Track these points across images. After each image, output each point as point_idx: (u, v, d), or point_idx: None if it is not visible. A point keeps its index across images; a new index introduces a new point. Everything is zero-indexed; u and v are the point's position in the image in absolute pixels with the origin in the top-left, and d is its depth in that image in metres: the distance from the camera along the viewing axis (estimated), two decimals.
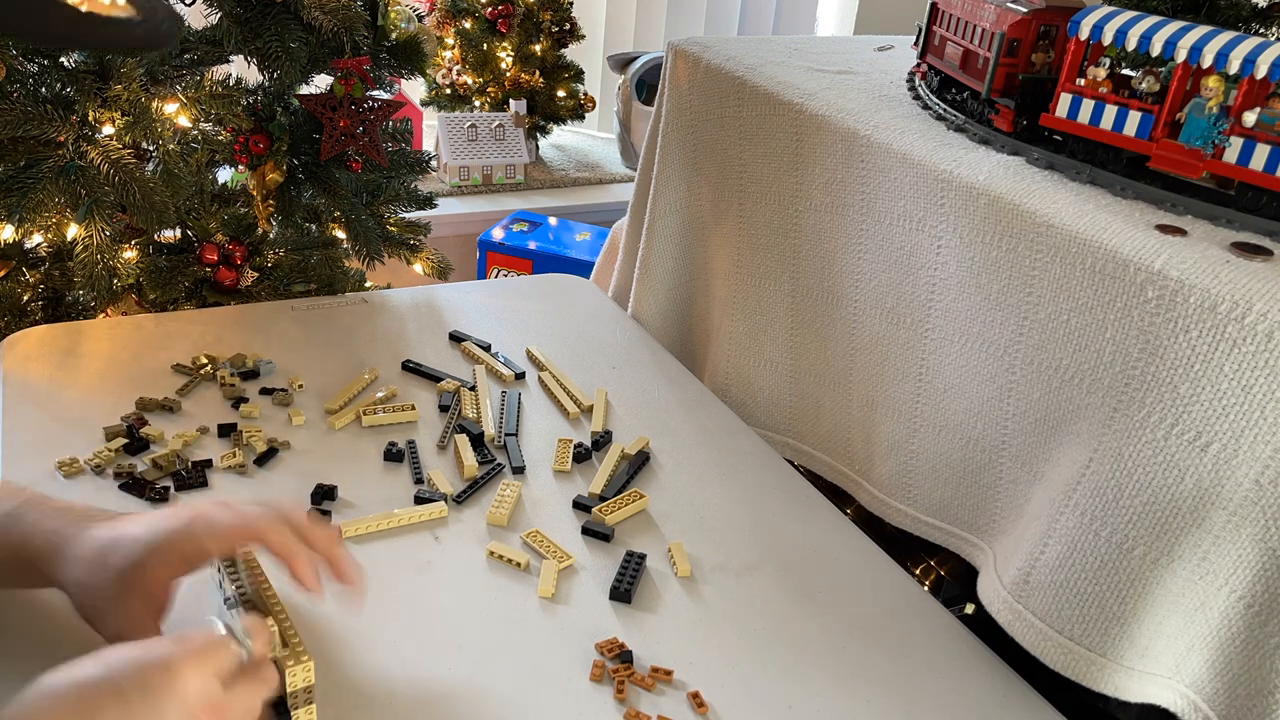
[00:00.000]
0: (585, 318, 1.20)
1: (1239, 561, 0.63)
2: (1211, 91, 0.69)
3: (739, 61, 1.06)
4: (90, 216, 1.09)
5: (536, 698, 0.67)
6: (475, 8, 2.17)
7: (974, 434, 0.82)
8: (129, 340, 1.03)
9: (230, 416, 0.92)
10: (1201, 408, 0.63)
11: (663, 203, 1.17)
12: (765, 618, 0.76)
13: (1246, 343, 0.60)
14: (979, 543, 0.84)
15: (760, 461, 0.96)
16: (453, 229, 2.06)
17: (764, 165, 1.02)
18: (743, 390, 1.08)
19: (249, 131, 1.19)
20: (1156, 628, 0.66)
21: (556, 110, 2.29)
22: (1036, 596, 0.72)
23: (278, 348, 1.04)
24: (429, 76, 2.23)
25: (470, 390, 1.00)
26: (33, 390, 0.93)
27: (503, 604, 0.75)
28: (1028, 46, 0.83)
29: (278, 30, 1.13)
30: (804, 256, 1.00)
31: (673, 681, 0.69)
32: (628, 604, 0.76)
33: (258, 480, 0.85)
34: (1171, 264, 0.64)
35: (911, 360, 0.87)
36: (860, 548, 0.86)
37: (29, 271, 1.20)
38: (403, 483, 0.87)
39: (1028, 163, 0.81)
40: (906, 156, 0.85)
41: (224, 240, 1.24)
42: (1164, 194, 0.73)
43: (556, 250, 1.92)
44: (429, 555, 0.79)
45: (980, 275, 0.78)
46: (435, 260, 1.44)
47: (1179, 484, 0.64)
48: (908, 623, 0.78)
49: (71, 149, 1.07)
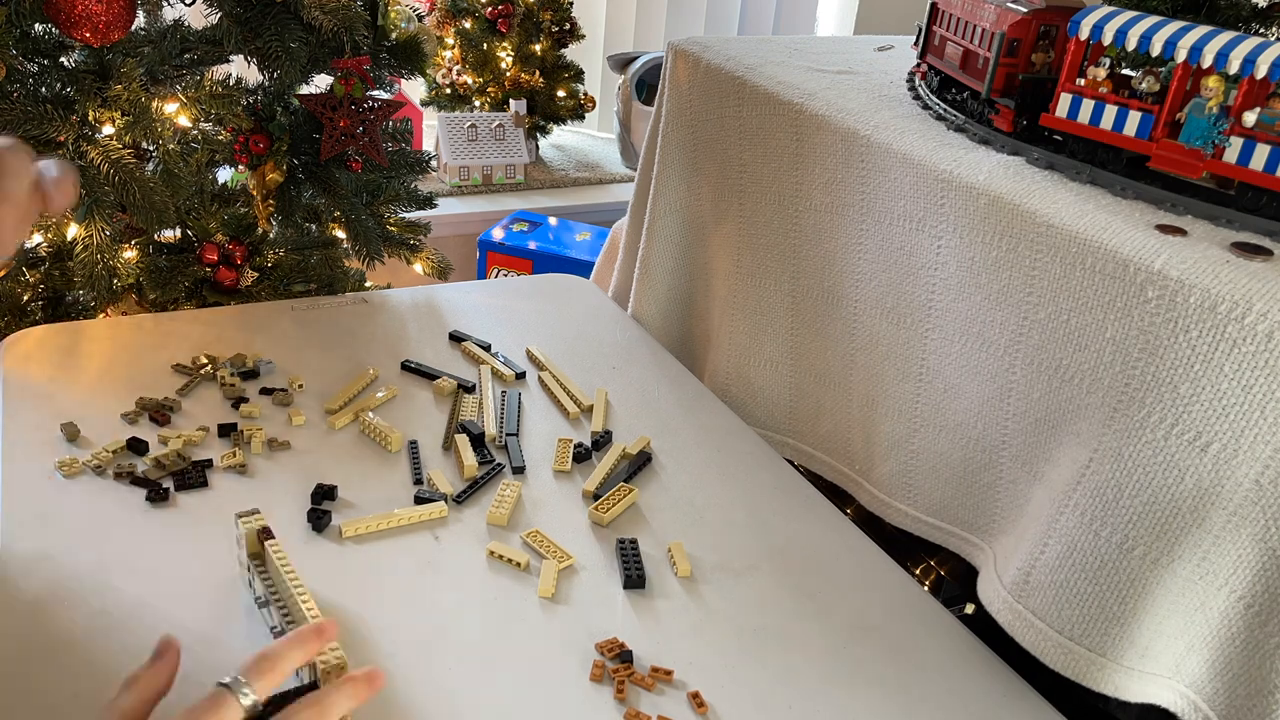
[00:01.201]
0: (585, 318, 1.20)
1: (1239, 561, 0.63)
2: (1211, 91, 0.69)
3: (739, 61, 1.06)
4: (90, 216, 1.09)
5: (536, 698, 0.67)
6: (475, 8, 2.17)
7: (974, 434, 0.82)
8: (129, 340, 1.03)
9: (230, 416, 0.92)
10: (1201, 408, 0.63)
11: (663, 203, 1.17)
12: (765, 618, 0.76)
13: (1246, 343, 0.60)
14: (979, 543, 0.84)
15: (760, 461, 0.96)
16: (453, 229, 2.06)
17: (764, 165, 1.02)
18: (743, 390, 1.08)
19: (249, 131, 1.19)
20: (1156, 628, 0.66)
21: (556, 110, 2.29)
22: (1036, 596, 0.72)
23: (278, 348, 1.04)
24: (429, 76, 2.23)
25: (470, 390, 1.00)
26: (33, 390, 0.93)
27: (503, 604, 0.75)
28: (1028, 46, 0.83)
29: (278, 30, 1.13)
30: (804, 256, 1.00)
31: (673, 681, 0.69)
32: (642, 589, 0.77)
33: (258, 480, 0.85)
34: (1171, 264, 0.64)
35: (911, 360, 0.87)
36: (860, 548, 0.86)
37: (29, 271, 1.20)
38: (403, 483, 0.87)
39: (1028, 163, 0.81)
40: (906, 156, 0.85)
41: (224, 240, 1.24)
42: (1164, 194, 0.73)
43: (556, 250, 1.92)
44: (429, 555, 0.79)
45: (980, 275, 0.78)
46: (435, 260, 1.44)
47: (1179, 484, 0.64)
48: (908, 623, 0.78)
49: (71, 149, 1.07)
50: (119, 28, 1.04)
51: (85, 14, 1.01)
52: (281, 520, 0.80)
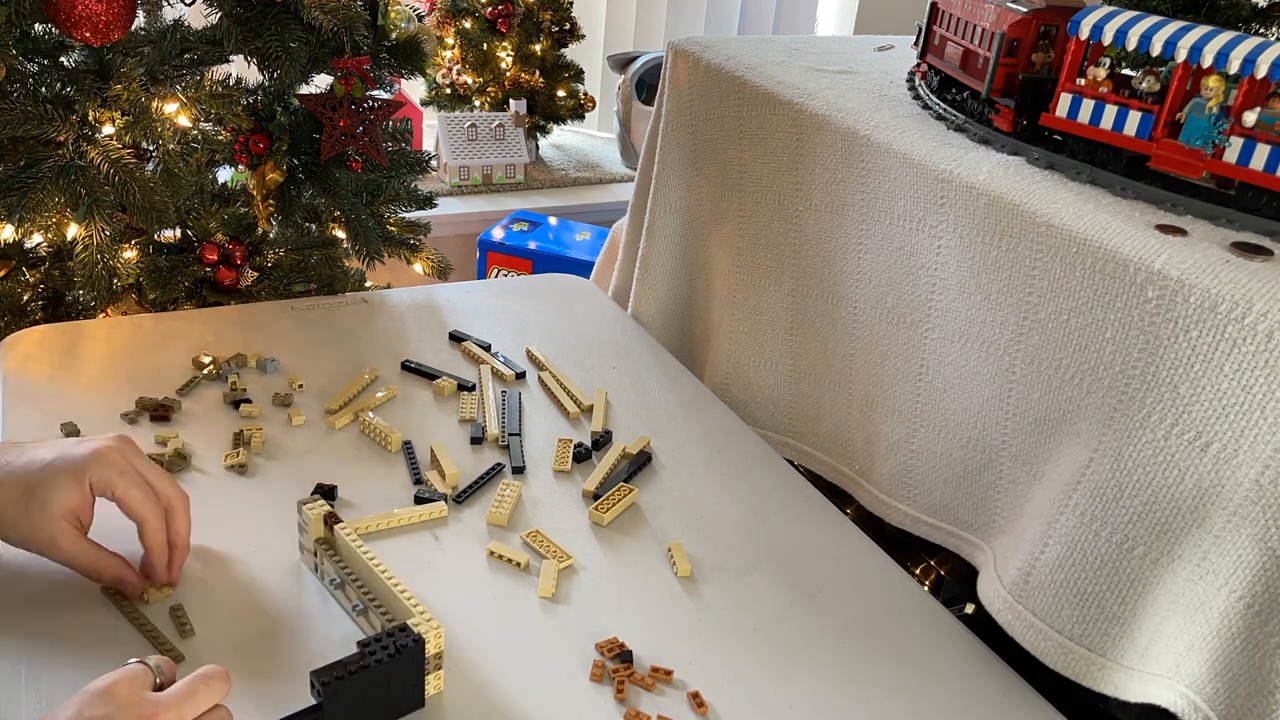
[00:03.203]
0: (585, 318, 1.20)
1: (1239, 561, 0.63)
2: (1211, 91, 0.69)
3: (739, 61, 1.06)
4: (90, 216, 1.08)
5: (536, 698, 0.67)
6: (475, 8, 2.17)
7: (974, 434, 0.82)
8: (129, 340, 1.03)
9: (230, 416, 0.92)
10: (1201, 408, 0.63)
11: (663, 203, 1.17)
12: (765, 618, 0.76)
13: (1246, 343, 0.60)
14: (979, 543, 0.84)
15: (760, 461, 0.96)
16: (453, 229, 2.06)
17: (764, 165, 1.02)
18: (743, 390, 1.08)
19: (249, 131, 1.19)
20: (1156, 628, 0.66)
21: (556, 110, 2.29)
22: (1036, 596, 0.72)
23: (278, 348, 1.04)
24: (429, 76, 2.23)
25: (470, 390, 1.00)
26: (33, 390, 0.93)
27: (503, 604, 0.75)
28: (1028, 46, 0.83)
29: (278, 30, 1.13)
30: (804, 256, 1.00)
31: (673, 681, 0.69)
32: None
33: (258, 479, 0.85)
34: (1171, 264, 0.64)
35: (911, 360, 0.87)
36: (860, 548, 0.86)
37: (29, 271, 1.20)
38: (403, 483, 0.87)
39: (1028, 163, 0.81)
40: (906, 156, 0.85)
41: (224, 240, 1.24)
42: (1164, 194, 0.73)
43: (556, 250, 1.92)
44: (429, 555, 0.79)
45: (980, 275, 0.78)
46: (435, 260, 1.44)
47: (1179, 484, 0.64)
48: (908, 623, 0.78)
49: (71, 149, 1.07)
50: (119, 28, 1.04)
51: (85, 14, 1.01)
52: (282, 520, 0.80)
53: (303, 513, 0.72)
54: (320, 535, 0.72)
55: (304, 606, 0.72)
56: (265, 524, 0.79)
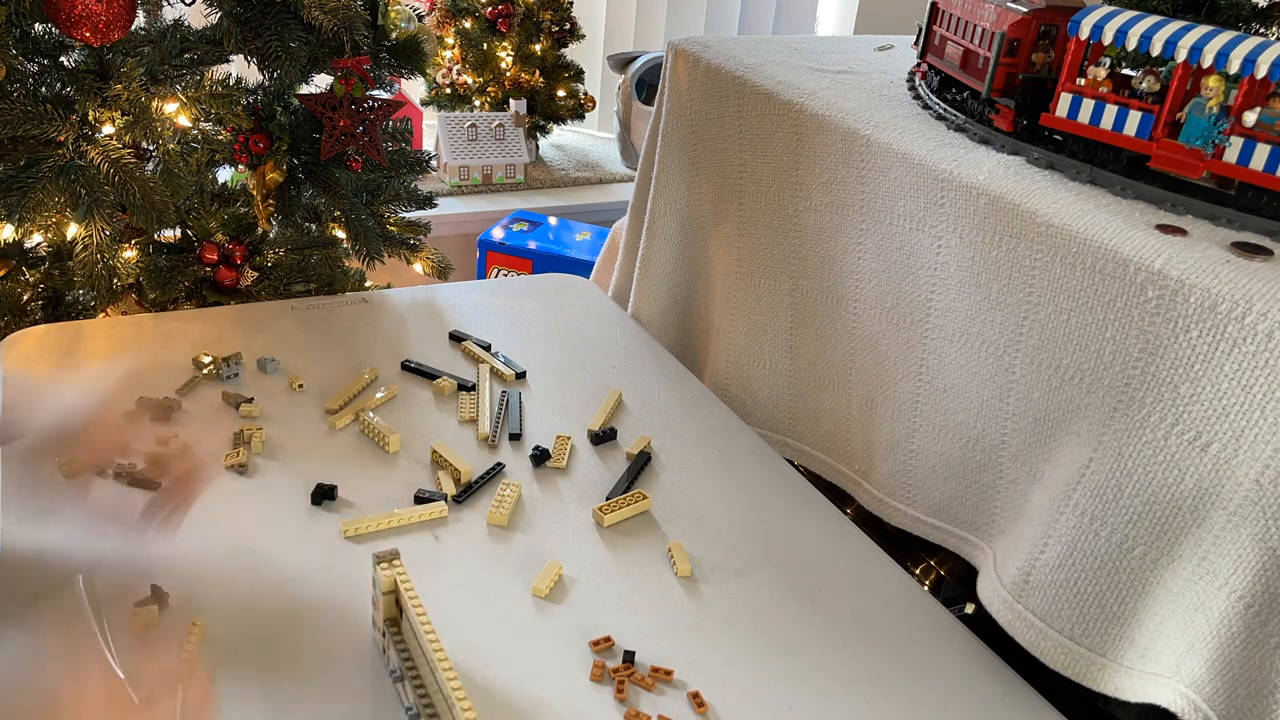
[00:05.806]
0: (585, 318, 1.20)
1: (1239, 561, 0.63)
2: (1212, 91, 0.69)
3: (739, 61, 1.06)
4: (90, 216, 1.09)
5: (536, 698, 0.67)
6: (475, 7, 2.17)
7: (974, 434, 0.82)
8: (129, 340, 1.03)
9: (230, 416, 0.92)
10: (1201, 407, 0.63)
11: (663, 202, 1.17)
12: (765, 618, 0.76)
13: (1246, 342, 0.60)
14: (979, 542, 0.84)
15: (760, 461, 0.96)
16: (453, 229, 2.05)
17: (764, 165, 1.02)
18: (743, 390, 1.08)
19: (249, 131, 1.19)
20: (1156, 628, 0.66)
21: (556, 110, 2.29)
22: (1036, 596, 0.72)
23: (278, 348, 1.04)
24: (429, 76, 2.23)
25: (470, 390, 1.00)
26: (33, 390, 0.93)
27: (503, 604, 0.75)
28: (1028, 46, 0.83)
29: (278, 30, 1.13)
30: (804, 256, 1.00)
31: (673, 681, 0.69)
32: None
33: (258, 480, 0.85)
34: (1171, 264, 0.64)
35: (911, 360, 0.87)
36: (860, 548, 0.86)
37: (29, 271, 1.20)
38: (403, 482, 0.87)
39: (1028, 163, 0.81)
40: (906, 156, 0.85)
41: (224, 240, 1.24)
42: (1164, 194, 0.73)
43: (556, 250, 1.92)
44: (429, 555, 0.79)
45: (980, 275, 0.78)
46: (435, 260, 1.44)
47: (1179, 484, 0.64)
48: (908, 623, 0.78)
49: (71, 149, 1.07)
50: (119, 27, 1.04)
51: (85, 14, 1.01)
52: (282, 520, 0.80)
53: (376, 570, 0.65)
54: (391, 615, 0.66)
55: (304, 606, 0.72)
56: (265, 524, 0.79)
